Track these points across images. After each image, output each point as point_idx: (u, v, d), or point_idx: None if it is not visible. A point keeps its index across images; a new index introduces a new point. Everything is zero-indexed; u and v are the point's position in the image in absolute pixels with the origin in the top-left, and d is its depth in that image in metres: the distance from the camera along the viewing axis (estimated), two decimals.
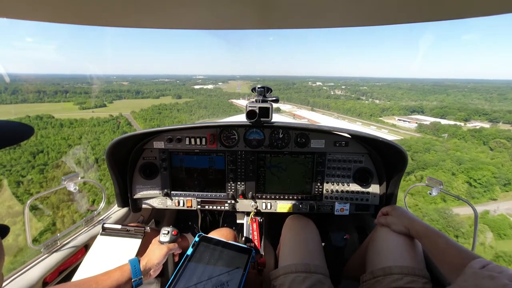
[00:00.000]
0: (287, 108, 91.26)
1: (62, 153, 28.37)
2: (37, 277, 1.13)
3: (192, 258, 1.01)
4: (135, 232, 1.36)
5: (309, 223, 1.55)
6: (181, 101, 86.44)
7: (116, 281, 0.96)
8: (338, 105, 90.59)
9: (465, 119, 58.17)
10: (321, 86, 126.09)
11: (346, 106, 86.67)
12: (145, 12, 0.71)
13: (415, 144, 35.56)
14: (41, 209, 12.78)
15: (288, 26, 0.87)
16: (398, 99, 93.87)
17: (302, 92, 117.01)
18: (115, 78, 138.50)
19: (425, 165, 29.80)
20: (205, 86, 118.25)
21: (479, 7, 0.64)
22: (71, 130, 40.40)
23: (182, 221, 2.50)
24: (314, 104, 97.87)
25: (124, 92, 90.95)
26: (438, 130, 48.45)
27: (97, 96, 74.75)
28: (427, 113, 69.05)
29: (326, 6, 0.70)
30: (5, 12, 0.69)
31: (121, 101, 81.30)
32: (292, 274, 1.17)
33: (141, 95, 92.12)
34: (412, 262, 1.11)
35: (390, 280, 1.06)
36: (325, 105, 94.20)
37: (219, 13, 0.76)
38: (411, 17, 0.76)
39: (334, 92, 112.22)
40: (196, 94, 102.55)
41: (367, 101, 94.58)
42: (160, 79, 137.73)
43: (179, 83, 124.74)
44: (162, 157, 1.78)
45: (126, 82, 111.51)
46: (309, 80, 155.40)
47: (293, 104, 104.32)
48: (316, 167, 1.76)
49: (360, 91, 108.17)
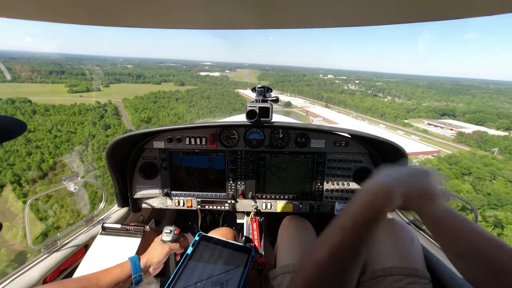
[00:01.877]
0: (298, 102, 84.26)
1: (12, 152, 21.22)
2: (37, 277, 1.13)
3: (192, 257, 1.01)
4: (134, 232, 1.36)
5: (306, 223, 1.56)
6: (183, 88, 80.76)
7: (116, 277, 0.96)
8: (355, 102, 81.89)
9: (507, 127, 46.31)
10: (333, 79, 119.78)
11: (365, 104, 77.93)
12: (145, 12, 0.71)
13: (473, 164, 23.74)
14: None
15: (288, 26, 0.87)
16: (420, 98, 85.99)
17: (313, 85, 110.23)
18: (121, 60, 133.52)
19: (500, 202, 18.82)
20: (211, 74, 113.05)
21: (479, 7, 0.64)
22: (43, 119, 32.16)
23: (182, 221, 2.50)
24: (328, 100, 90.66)
25: (125, 76, 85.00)
26: (485, 143, 37.00)
27: (92, 79, 67.04)
28: (459, 117, 59.54)
29: (326, 6, 0.70)
30: (5, 12, 0.69)
31: (119, 85, 74.95)
32: (290, 274, 1.17)
33: (142, 79, 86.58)
34: (413, 262, 1.10)
35: (390, 281, 1.05)
36: (340, 101, 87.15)
37: (219, 13, 0.76)
38: (412, 17, 0.76)
39: (347, 87, 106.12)
40: (201, 82, 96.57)
41: (385, 98, 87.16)
42: (166, 63, 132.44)
43: (185, 69, 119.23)
44: (162, 157, 1.78)
45: (131, 65, 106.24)
46: (319, 73, 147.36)
47: (305, 98, 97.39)
48: (316, 167, 1.76)
49: (375, 87, 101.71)
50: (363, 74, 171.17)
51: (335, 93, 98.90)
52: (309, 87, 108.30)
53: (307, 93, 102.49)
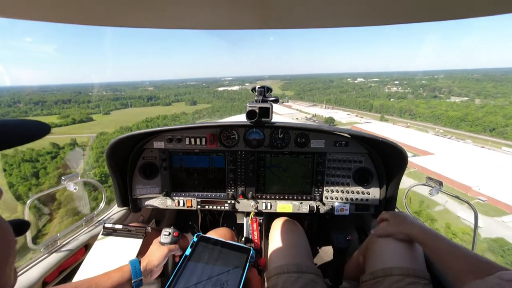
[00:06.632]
0: (342, 117, 59.80)
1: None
2: (37, 277, 1.13)
3: (191, 258, 1.01)
4: (136, 232, 1.35)
5: (295, 224, 1.57)
6: (193, 108, 74.43)
7: (116, 282, 0.95)
8: (422, 110, 58.84)
9: None
10: (366, 82, 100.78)
11: (451, 112, 52.95)
12: (144, 12, 0.71)
13: None
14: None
15: (289, 26, 0.87)
16: (503, 95, 63.07)
17: (348, 91, 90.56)
18: (147, 84, 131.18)
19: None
20: (230, 88, 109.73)
21: (479, 7, 0.64)
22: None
23: (182, 221, 2.50)
24: (382, 109, 69.38)
25: (134, 99, 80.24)
26: None
27: (97, 106, 64.16)
28: None
29: (326, 6, 0.70)
30: (5, 12, 0.69)
31: (123, 111, 68.36)
32: (284, 274, 1.17)
33: (152, 101, 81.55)
34: (413, 263, 1.10)
35: (390, 281, 1.05)
36: (402, 110, 63.69)
37: (219, 13, 0.76)
38: (412, 17, 0.75)
39: (389, 89, 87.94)
40: (217, 98, 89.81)
41: (448, 99, 66.77)
42: (187, 82, 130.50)
43: (205, 86, 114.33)
44: (162, 157, 1.78)
45: (152, 88, 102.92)
46: (347, 77, 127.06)
47: (348, 109, 76.17)
48: (316, 167, 1.76)
49: (426, 86, 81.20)
50: (394, 74, 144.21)
51: (382, 98, 79.03)
52: (345, 94, 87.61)
53: (347, 102, 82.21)
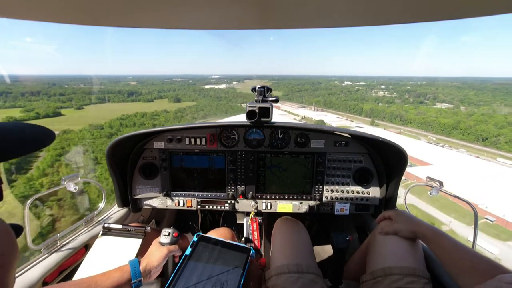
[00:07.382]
0: (332, 119, 58.28)
1: None
2: (37, 277, 1.13)
3: (191, 257, 1.01)
4: (136, 232, 1.36)
5: (298, 224, 1.57)
6: (176, 106, 69.34)
7: (115, 282, 0.95)
8: (412, 116, 57.49)
9: None
10: (353, 86, 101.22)
11: (443, 119, 52.02)
12: (144, 12, 0.71)
13: None
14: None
15: (289, 26, 0.87)
16: (485, 104, 63.07)
17: (336, 93, 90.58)
18: (131, 78, 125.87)
19: None
20: (217, 86, 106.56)
21: (479, 7, 0.64)
22: None
23: (182, 221, 2.50)
24: (372, 113, 67.73)
25: (114, 94, 74.11)
26: None
27: (69, 99, 57.32)
28: None
29: (326, 6, 0.70)
30: (5, 12, 0.69)
31: (99, 106, 62.01)
32: (284, 274, 1.17)
33: (133, 97, 75.26)
34: (413, 262, 1.10)
35: (390, 280, 1.06)
36: (393, 115, 62.36)
37: (219, 13, 0.76)
38: (412, 17, 0.75)
39: (376, 94, 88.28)
40: (202, 96, 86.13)
41: (434, 105, 67.02)
42: (173, 79, 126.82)
43: (191, 83, 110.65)
44: (162, 157, 1.78)
45: (135, 82, 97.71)
46: (334, 79, 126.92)
47: (337, 112, 75.48)
48: (316, 167, 1.76)
49: (412, 92, 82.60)
50: (380, 78, 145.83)
51: (371, 102, 78.85)
52: (334, 97, 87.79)
53: (337, 105, 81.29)
